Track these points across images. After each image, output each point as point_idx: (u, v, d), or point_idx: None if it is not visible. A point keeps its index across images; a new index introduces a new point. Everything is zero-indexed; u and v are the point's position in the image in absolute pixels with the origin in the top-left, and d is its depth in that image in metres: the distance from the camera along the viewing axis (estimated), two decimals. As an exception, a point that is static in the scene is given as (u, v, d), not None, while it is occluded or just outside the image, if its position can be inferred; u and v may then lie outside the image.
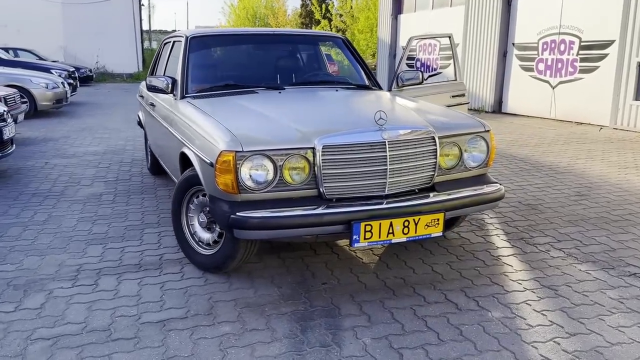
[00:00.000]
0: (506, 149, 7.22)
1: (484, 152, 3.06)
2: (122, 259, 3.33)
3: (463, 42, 12.68)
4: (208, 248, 3.07)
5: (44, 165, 6.06)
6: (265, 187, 2.60)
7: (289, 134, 2.71)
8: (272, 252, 3.40)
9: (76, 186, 5.16)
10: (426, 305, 2.72)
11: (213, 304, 2.72)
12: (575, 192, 4.93)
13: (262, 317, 2.60)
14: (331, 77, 4.37)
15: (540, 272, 3.13)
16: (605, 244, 3.60)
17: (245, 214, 2.54)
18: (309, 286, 2.95)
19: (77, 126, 9.39)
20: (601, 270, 3.16)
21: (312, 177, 2.66)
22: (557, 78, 10.39)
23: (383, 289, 2.91)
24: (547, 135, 8.47)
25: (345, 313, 2.64)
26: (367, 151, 2.68)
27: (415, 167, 2.81)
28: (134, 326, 2.51)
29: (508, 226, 3.97)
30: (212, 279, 3.01)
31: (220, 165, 2.56)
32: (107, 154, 6.88)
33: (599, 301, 2.76)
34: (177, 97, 3.65)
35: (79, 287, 2.93)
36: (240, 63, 4.09)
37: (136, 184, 5.25)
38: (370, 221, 2.60)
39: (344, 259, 3.32)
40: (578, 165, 6.11)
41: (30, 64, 13.59)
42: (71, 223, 4.05)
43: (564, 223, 4.03)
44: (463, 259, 3.34)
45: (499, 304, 2.74)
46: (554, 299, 2.80)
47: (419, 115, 3.07)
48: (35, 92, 10.48)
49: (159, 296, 2.82)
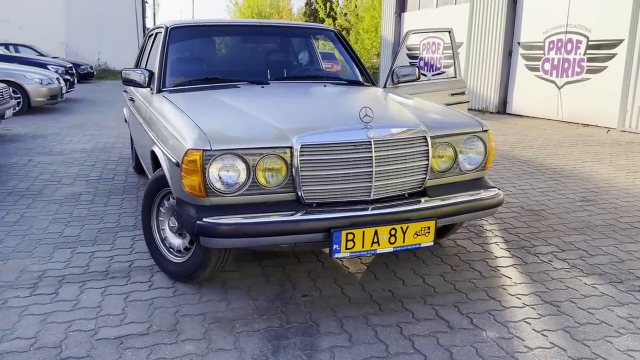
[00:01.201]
0: (509, 151, 6.94)
1: (481, 154, 2.80)
2: (89, 265, 3.08)
3: (467, 40, 12.40)
4: (179, 255, 2.82)
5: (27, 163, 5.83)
6: (237, 190, 2.35)
7: (264, 132, 2.45)
8: (252, 260, 3.15)
9: (56, 185, 4.93)
10: (414, 323, 2.46)
11: (179, 319, 2.47)
12: (581, 197, 4.65)
13: (231, 334, 2.34)
14: (321, 72, 4.11)
15: (541, 286, 2.86)
16: (612, 254, 3.33)
17: (213, 219, 2.28)
18: (287, 299, 2.69)
19: (69, 123, 9.17)
20: (608, 284, 2.89)
21: (289, 180, 2.40)
22: (563, 78, 10.10)
23: (368, 303, 2.65)
24: (553, 137, 8.19)
25: (324, 330, 2.38)
26: (351, 151, 2.42)
27: (404, 169, 2.55)
28: (88, 343, 2.26)
29: (508, 233, 3.70)
30: (182, 289, 2.76)
31: (187, 165, 2.30)
32: (94, 151, 6.64)
33: (606, 320, 2.50)
34: (154, 92, 3.40)
35: (37, 297, 2.69)
36: (224, 56, 3.84)
37: (119, 184, 5.00)
38: (353, 229, 2.34)
39: (328, 268, 3.07)
40: (584, 169, 5.83)
41: (27, 60, 13.40)
42: (43, 224, 3.81)
43: (568, 230, 3.76)
44: (458, 269, 3.08)
45: (495, 322, 2.48)
46: (556, 316, 2.53)
47: (410, 113, 2.81)
48: (29, 88, 10.27)
49: (121, 308, 2.57)
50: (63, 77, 12.23)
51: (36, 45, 19.36)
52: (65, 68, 13.55)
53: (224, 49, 3.89)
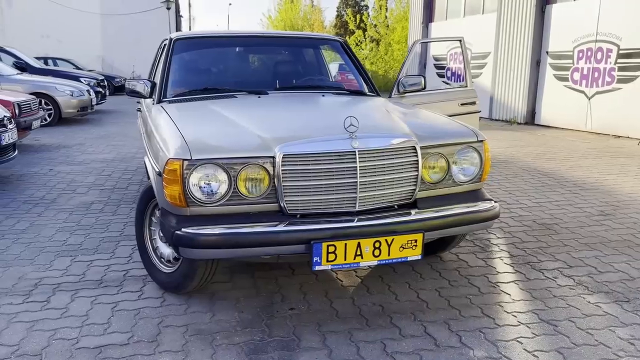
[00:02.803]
0: (531, 163, 6.73)
1: (477, 165, 2.70)
2: (85, 274, 3.11)
3: (495, 50, 12.18)
4: (169, 265, 2.82)
5: (47, 172, 5.98)
6: (218, 200, 2.32)
7: (247, 141, 2.42)
8: (245, 271, 3.12)
9: (70, 194, 5.03)
10: (400, 340, 2.37)
11: (161, 330, 2.45)
12: (599, 210, 4.46)
13: (209, 347, 2.31)
14: (324, 82, 4.07)
15: (541, 304, 2.73)
16: (624, 271, 3.16)
17: (191, 230, 2.26)
18: (274, 312, 2.64)
19: (96, 133, 9.40)
20: (614, 303, 2.73)
21: (272, 190, 2.36)
22: (593, 88, 9.78)
23: (356, 318, 2.58)
24: (579, 149, 7.92)
25: (304, 345, 2.32)
26: (334, 162, 2.37)
27: (392, 180, 2.48)
28: (67, 351, 2.27)
29: (515, 248, 3.56)
30: (170, 300, 2.75)
31: (167, 174, 2.30)
32: (114, 161, 6.77)
33: (605, 341, 2.35)
34: (154, 102, 3.44)
35: (29, 304, 2.72)
36: (225, 66, 3.85)
37: (131, 193, 5.07)
38: (334, 241, 2.28)
39: (322, 281, 3.01)
40: (607, 182, 5.60)
41: (60, 73, 13.84)
42: (50, 233, 3.88)
43: (579, 246, 3.60)
44: (456, 284, 2.97)
45: (485, 340, 2.37)
46: (551, 336, 2.40)
47: (402, 123, 2.74)
48: (60, 100, 10.59)
49: (107, 318, 2.57)
50: (95, 89, 12.59)
51: (74, 59, 20.06)
52: (97, 80, 13.95)
53: (227, 60, 3.91)
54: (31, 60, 13.78)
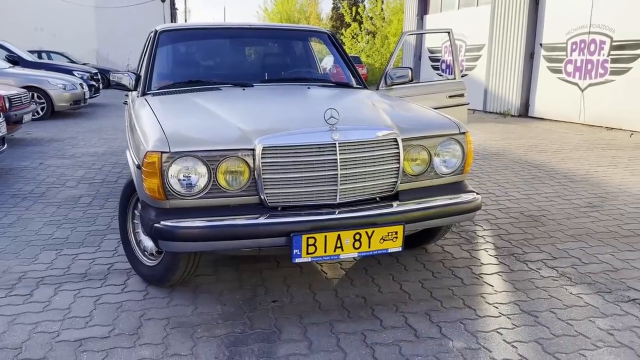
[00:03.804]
0: (522, 155, 6.74)
1: (458, 157, 2.70)
2: (69, 267, 3.10)
3: (489, 42, 12.16)
4: (152, 258, 2.82)
5: (37, 166, 5.96)
6: (198, 192, 2.32)
7: (227, 133, 2.42)
8: (230, 264, 3.12)
9: (59, 188, 5.01)
10: (380, 331, 2.38)
11: (142, 323, 2.45)
12: (587, 202, 4.47)
13: (190, 340, 2.31)
14: (310, 74, 4.04)
15: (523, 295, 2.74)
16: (607, 262, 3.17)
17: (170, 223, 2.26)
18: (256, 304, 2.65)
19: (88, 127, 9.37)
20: (595, 294, 2.75)
21: (252, 183, 2.36)
22: (586, 80, 9.78)
23: (338, 310, 2.59)
24: (571, 141, 7.93)
25: (285, 338, 2.33)
26: (314, 154, 2.36)
27: (373, 172, 2.48)
28: (47, 345, 2.27)
29: (501, 240, 3.57)
30: (153, 293, 2.75)
31: (146, 167, 2.29)
32: (105, 155, 6.75)
33: (585, 332, 2.36)
34: (139, 94, 3.42)
35: (11, 298, 2.72)
36: (210, 59, 3.83)
37: (120, 187, 5.04)
38: (314, 233, 2.28)
39: (306, 273, 3.01)
40: (597, 174, 5.61)
41: (53, 66, 13.76)
42: (37, 226, 3.87)
43: (565, 237, 3.61)
44: (439, 276, 2.98)
45: (465, 331, 2.38)
46: (531, 327, 2.41)
47: (384, 115, 2.73)
48: (52, 93, 10.54)
49: (89, 311, 2.57)
50: (88, 82, 12.53)
51: (68, 52, 19.95)
52: (91, 74, 13.88)
53: (212, 52, 3.88)
54: (24, 53, 13.70)
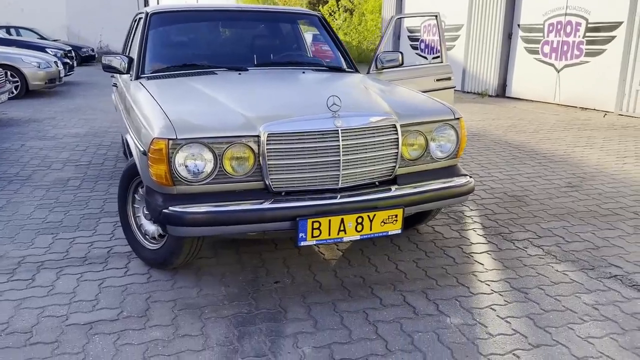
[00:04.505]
0: (502, 136, 6.91)
1: (453, 142, 2.80)
2: (68, 251, 3.13)
3: (467, 22, 12.26)
4: (154, 242, 2.86)
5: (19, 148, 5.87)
6: (204, 178, 2.37)
7: (231, 120, 2.46)
8: (229, 246, 3.19)
9: (45, 170, 4.97)
10: (381, 309, 2.49)
11: (150, 305, 2.52)
12: (567, 182, 4.65)
13: (198, 320, 2.38)
14: (303, 57, 4.08)
15: (512, 273, 2.89)
16: (589, 240, 3.34)
17: (179, 208, 2.31)
18: (259, 285, 2.73)
19: (66, 107, 9.20)
20: (580, 271, 2.91)
21: (257, 169, 2.42)
22: (562, 61, 9.99)
23: (339, 290, 2.69)
24: (548, 121, 8.14)
25: (291, 317, 2.42)
26: (318, 140, 2.43)
27: (373, 158, 2.56)
28: (58, 328, 2.31)
29: (487, 219, 3.71)
30: (157, 276, 2.81)
31: (153, 154, 2.32)
32: (87, 136, 6.68)
33: (572, 307, 2.52)
34: (132, 78, 3.42)
35: (14, 282, 2.74)
36: (204, 42, 3.83)
37: (108, 169, 5.04)
38: (319, 217, 2.36)
39: (304, 255, 3.10)
40: (575, 154, 5.81)
41: (25, 43, 13.39)
42: (28, 210, 3.86)
43: (548, 217, 3.77)
44: (432, 256, 3.10)
45: (461, 308, 2.51)
46: (522, 303, 2.56)
47: (382, 101, 2.81)
48: (27, 72, 10.29)
49: (94, 294, 2.61)
50: (62, 60, 12.24)
51: (37, 28, 19.34)
52: (65, 51, 13.54)
53: (205, 35, 3.88)
54: (-7, 30, 13.27)
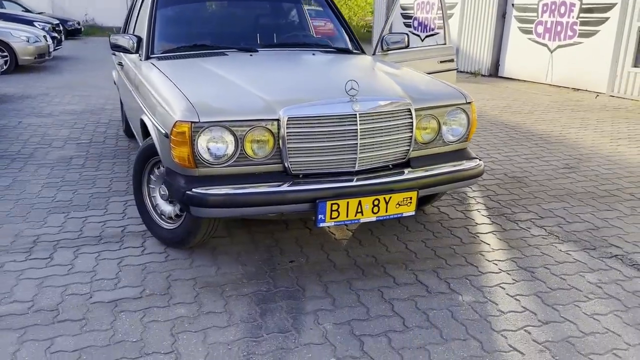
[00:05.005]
0: (498, 116, 7.00)
1: (464, 126, 2.87)
2: (82, 230, 3.17)
3: (462, 0, 12.23)
4: (170, 222, 2.91)
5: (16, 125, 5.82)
6: (225, 161, 2.42)
7: (252, 104, 2.50)
8: (241, 226, 3.25)
9: (47, 148, 4.96)
10: (395, 287, 2.59)
11: (171, 283, 2.58)
12: (564, 164, 4.76)
13: (221, 298, 2.46)
14: (310, 38, 4.10)
15: (518, 252, 2.99)
16: (589, 221, 3.46)
17: (202, 190, 2.36)
18: (275, 264, 2.80)
19: (58, 82, 9.09)
20: (582, 250, 3.03)
21: (276, 151, 2.47)
22: (555, 42, 10.06)
23: (352, 268, 2.78)
24: (542, 102, 8.24)
25: (309, 295, 2.51)
26: (336, 124, 2.48)
27: (388, 141, 2.62)
28: (83, 306, 2.38)
29: (490, 200, 3.82)
30: (174, 254, 2.87)
31: (175, 136, 2.36)
32: (84, 113, 6.63)
33: (577, 285, 2.64)
34: (142, 58, 3.42)
35: (33, 261, 2.78)
36: (212, 21, 3.82)
37: (109, 147, 5.04)
38: (338, 200, 2.42)
39: (315, 235, 3.18)
40: (570, 135, 5.93)
41: (12, 16, 13.09)
42: (35, 189, 3.87)
43: (548, 198, 3.88)
44: (439, 236, 3.20)
45: (472, 286, 2.61)
46: (529, 282, 2.67)
47: (396, 85, 2.85)
48: (16, 46, 10.11)
49: (115, 273, 2.67)
50: (50, 34, 12.01)
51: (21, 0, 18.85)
52: (52, 25, 13.28)
53: (214, 15, 3.87)
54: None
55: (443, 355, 2.09)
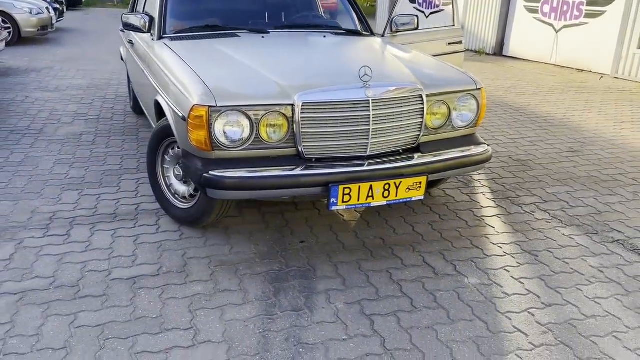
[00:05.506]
0: (503, 97, 7.03)
1: (474, 112, 2.92)
2: (97, 208, 3.24)
3: (468, -22, 12.10)
4: (184, 201, 2.99)
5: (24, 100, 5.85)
6: (241, 144, 2.47)
7: (267, 88, 2.54)
8: (252, 206, 3.32)
9: (56, 124, 5.00)
10: (403, 269, 2.68)
11: (187, 261, 2.67)
12: (568, 147, 4.82)
13: (235, 277, 2.55)
14: (321, 19, 4.11)
15: (522, 236, 3.08)
16: (592, 206, 3.54)
17: (218, 173, 2.42)
18: (286, 244, 2.89)
19: (62, 56, 9.06)
20: (585, 235, 3.11)
21: (290, 136, 2.52)
22: (561, 21, 10.00)
23: (361, 250, 2.86)
24: (546, 83, 8.25)
25: (320, 275, 2.60)
26: (350, 110, 2.53)
27: (400, 127, 2.67)
28: (103, 282, 2.46)
29: (495, 184, 3.89)
30: (188, 233, 2.95)
31: (193, 120, 2.41)
32: (90, 88, 6.65)
33: (579, 269, 2.73)
34: (155, 38, 3.44)
35: (51, 238, 2.86)
36: (223, 1, 3.82)
37: (118, 124, 5.09)
38: (350, 184, 2.49)
39: (324, 216, 3.25)
40: (574, 118, 5.96)
41: (13, -14, 12.91)
42: (48, 165, 3.93)
43: (552, 182, 3.95)
44: (446, 218, 3.28)
45: (477, 269, 2.70)
46: (533, 265, 2.76)
47: (407, 70, 2.89)
48: (19, 18, 10.06)
49: (131, 250, 2.76)
50: (52, 5, 11.92)
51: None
52: (54, -4, 13.14)
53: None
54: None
55: (450, 336, 2.18)
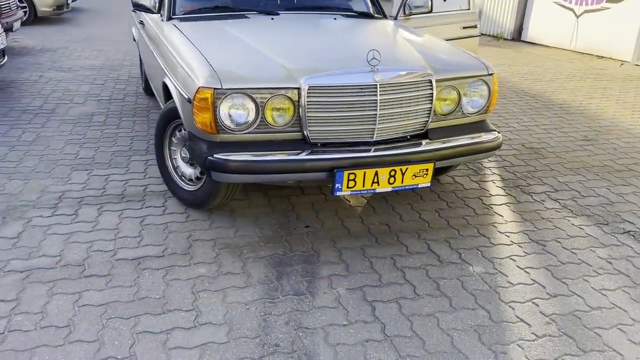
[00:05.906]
0: (519, 83, 6.90)
1: (485, 98, 2.86)
2: (105, 188, 3.26)
3: (487, -40, 11.84)
4: (191, 184, 2.99)
5: (37, 79, 5.89)
6: (246, 128, 2.46)
7: (273, 71, 2.52)
8: (258, 190, 3.32)
9: (68, 104, 5.03)
10: (407, 256, 2.66)
11: (191, 243, 2.68)
12: (583, 136, 4.73)
13: (239, 259, 2.55)
14: (333, 2, 4.03)
15: (531, 225, 3.04)
16: (604, 196, 3.47)
17: (223, 156, 2.41)
18: (291, 229, 2.88)
19: (77, 36, 9.08)
20: (595, 225, 3.06)
21: (296, 120, 2.50)
22: (582, 6, 9.75)
23: (366, 236, 2.85)
24: (564, 70, 8.08)
25: (324, 260, 2.59)
26: (357, 94, 2.50)
27: (408, 112, 2.63)
28: (108, 262, 2.49)
29: (506, 171, 3.83)
30: (194, 215, 2.96)
31: (198, 102, 2.40)
32: (103, 69, 6.66)
33: (587, 260, 2.69)
34: (164, 18, 3.42)
35: (59, 217, 2.89)
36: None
37: (129, 105, 5.10)
38: (355, 169, 2.47)
39: (330, 201, 3.24)
40: (591, 106, 5.84)
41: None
42: (59, 145, 3.96)
43: (565, 170, 3.89)
44: (453, 206, 3.24)
45: (483, 257, 2.68)
46: (540, 255, 2.72)
47: (417, 54, 2.84)
48: (35, -3, 10.06)
49: (137, 231, 2.77)
50: (68, -15, 11.91)
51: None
52: (70, -25, 13.11)
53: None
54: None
55: (451, 324, 2.17)
